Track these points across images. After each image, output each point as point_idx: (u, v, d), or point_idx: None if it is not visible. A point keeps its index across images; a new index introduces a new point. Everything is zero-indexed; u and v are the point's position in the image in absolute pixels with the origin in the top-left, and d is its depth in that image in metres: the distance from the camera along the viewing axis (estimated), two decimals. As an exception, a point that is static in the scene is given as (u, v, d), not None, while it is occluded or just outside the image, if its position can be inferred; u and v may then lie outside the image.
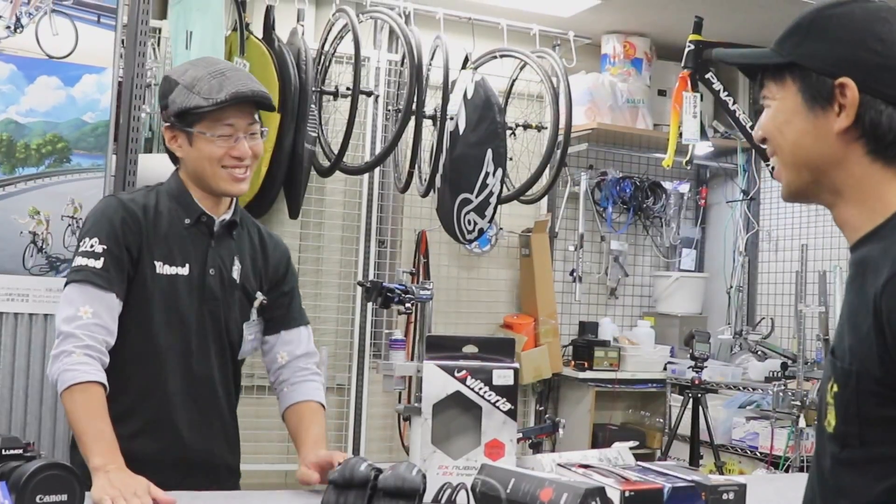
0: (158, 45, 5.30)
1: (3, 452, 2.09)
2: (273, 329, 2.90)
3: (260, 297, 2.84)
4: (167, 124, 2.73)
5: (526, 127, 6.05)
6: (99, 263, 2.58)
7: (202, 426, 2.74)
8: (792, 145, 1.78)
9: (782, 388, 5.50)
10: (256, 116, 2.75)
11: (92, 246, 2.61)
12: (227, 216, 2.80)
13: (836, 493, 1.72)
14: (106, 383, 2.51)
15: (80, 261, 2.60)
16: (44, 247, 3.88)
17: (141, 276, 2.66)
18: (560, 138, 5.66)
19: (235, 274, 2.79)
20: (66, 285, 2.62)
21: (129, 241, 2.64)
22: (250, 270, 2.84)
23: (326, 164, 5.42)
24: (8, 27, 3.83)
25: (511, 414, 2.49)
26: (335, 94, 5.41)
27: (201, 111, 2.63)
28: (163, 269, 2.68)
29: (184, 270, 2.71)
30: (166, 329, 2.68)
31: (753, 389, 5.98)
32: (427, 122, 5.56)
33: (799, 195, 1.84)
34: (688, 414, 5.58)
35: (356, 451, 5.84)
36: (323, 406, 2.90)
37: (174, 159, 2.80)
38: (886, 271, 1.59)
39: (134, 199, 2.74)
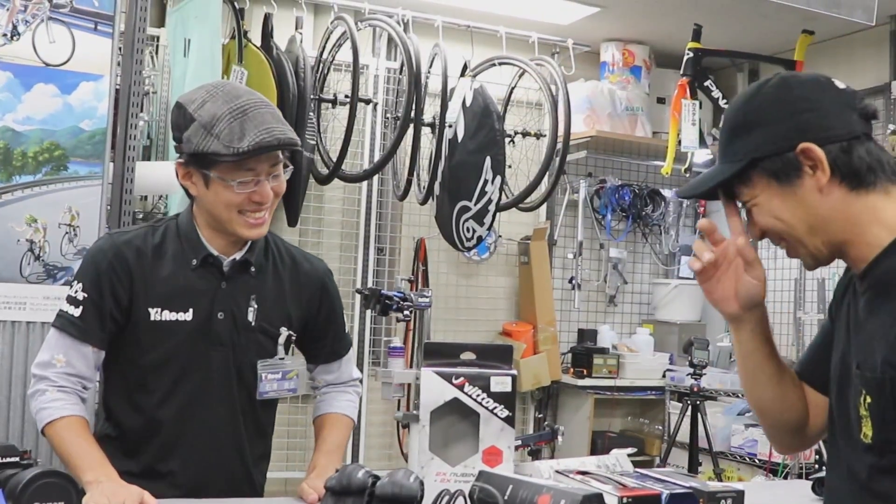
0: (157, 53, 5.30)
1: (1, 460, 2.09)
2: (313, 360, 2.84)
3: (285, 332, 2.67)
4: (181, 160, 2.53)
5: (525, 134, 6.05)
6: (77, 312, 2.51)
7: (201, 476, 2.61)
8: (793, 223, 1.88)
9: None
10: (281, 155, 2.55)
11: (76, 292, 2.53)
12: (239, 255, 2.61)
13: (878, 499, 1.77)
14: (85, 416, 2.48)
15: (63, 306, 2.54)
16: (41, 255, 3.87)
17: (133, 324, 2.55)
18: (559, 146, 5.66)
19: (251, 316, 2.61)
20: (52, 325, 2.56)
21: (115, 290, 2.52)
22: (272, 308, 2.66)
23: (325, 171, 5.41)
24: (4, 35, 3.82)
25: (509, 421, 2.49)
26: (334, 102, 5.41)
27: (220, 159, 2.42)
28: (159, 315, 2.54)
29: (186, 316, 2.55)
30: (160, 376, 2.56)
31: (753, 397, 5.96)
32: (426, 130, 5.56)
33: (821, 260, 1.93)
34: (687, 421, 5.57)
35: (355, 458, 5.84)
36: (350, 418, 2.84)
37: (188, 194, 2.60)
38: None
39: (131, 240, 2.58)
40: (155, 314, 2.54)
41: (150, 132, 5.12)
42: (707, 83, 5.75)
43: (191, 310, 2.56)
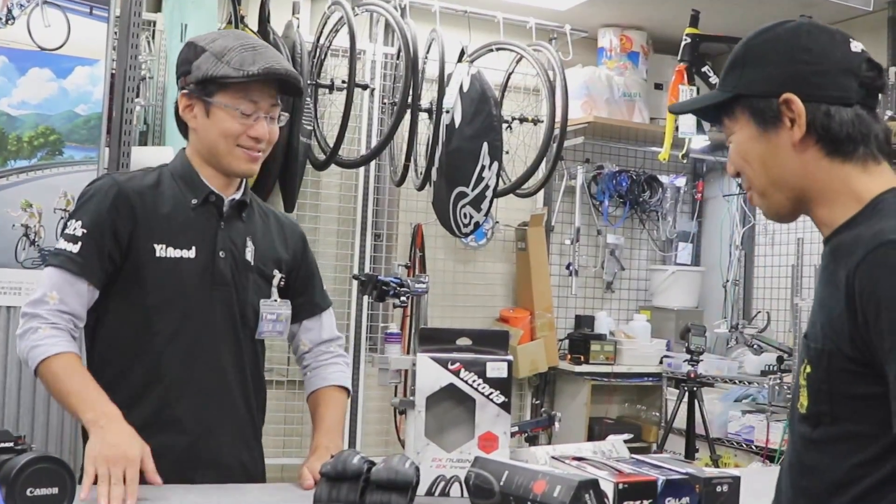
0: (153, 37, 5.28)
1: (-6, 446, 2.08)
2: (295, 318, 2.80)
3: (278, 275, 2.72)
4: (184, 91, 2.59)
5: (522, 120, 6.04)
6: (76, 248, 2.49)
7: (209, 421, 2.59)
8: (759, 170, 1.87)
9: (778, 381, 5.51)
10: (279, 99, 2.64)
11: (74, 229, 2.51)
12: (238, 196, 2.67)
13: (805, 473, 1.79)
14: (78, 353, 2.47)
15: (60, 243, 2.52)
16: (36, 240, 3.86)
17: (134, 262, 2.53)
18: (556, 132, 5.65)
19: (249, 256, 2.66)
20: (45, 266, 2.55)
21: (116, 226, 2.52)
22: (266, 250, 2.71)
23: (322, 157, 5.40)
24: (-1, 19, 3.82)
25: (505, 406, 2.48)
26: (331, 88, 5.40)
27: (228, 81, 2.51)
28: (164, 251, 2.54)
29: (190, 253, 2.57)
30: (165, 316, 2.55)
31: (749, 383, 5.99)
32: (423, 116, 5.55)
33: (782, 214, 1.92)
34: (684, 407, 5.58)
35: (352, 444, 5.84)
36: (345, 389, 2.85)
37: (184, 132, 2.67)
38: (860, 253, 1.67)
39: (131, 179, 2.61)
40: (160, 250, 2.55)
41: (146, 117, 5.11)
42: (705, 69, 5.73)
43: (194, 248, 2.58)
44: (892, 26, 5.84)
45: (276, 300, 2.72)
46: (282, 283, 2.74)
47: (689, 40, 5.68)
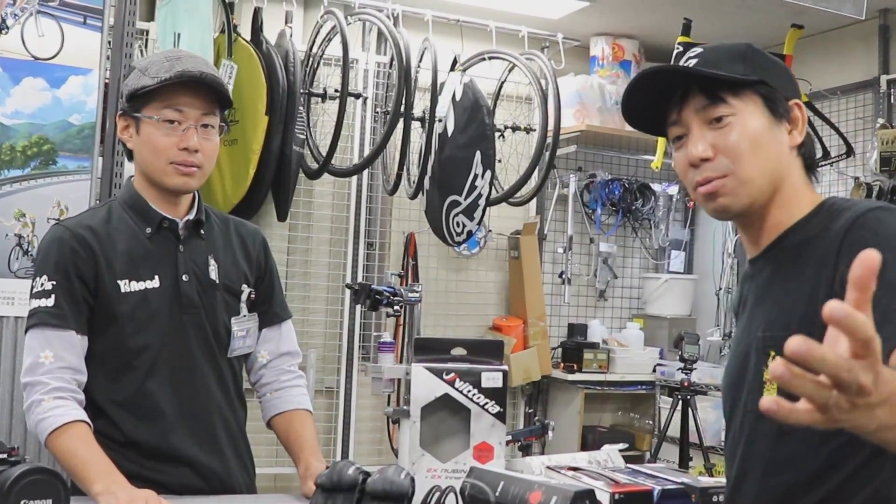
0: (146, 46, 5.28)
1: (-12, 457, 2.07)
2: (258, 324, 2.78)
3: (247, 290, 2.69)
4: (119, 112, 2.58)
5: (515, 129, 6.04)
6: (50, 301, 2.45)
7: (209, 444, 2.59)
8: (762, 156, 1.88)
9: (771, 389, 5.50)
10: (216, 110, 2.57)
11: (42, 284, 2.47)
12: (192, 216, 2.63)
13: (780, 468, 1.81)
14: (87, 420, 2.41)
15: (33, 304, 2.48)
16: (29, 249, 3.86)
17: (104, 301, 2.50)
18: (549, 140, 5.65)
19: (213, 275, 2.62)
20: (25, 332, 2.50)
21: (80, 270, 2.48)
22: (230, 266, 2.68)
23: (315, 166, 5.40)
24: (-7, 28, 3.82)
25: (500, 416, 2.48)
26: (323, 97, 5.39)
27: (146, 90, 2.47)
28: (129, 286, 2.52)
29: (154, 283, 2.54)
30: (145, 349, 2.52)
31: (742, 391, 5.97)
32: (415, 125, 5.55)
33: (752, 204, 1.91)
34: (677, 416, 5.58)
35: (345, 454, 5.84)
36: (310, 412, 2.81)
37: (130, 157, 2.63)
38: (844, 223, 1.74)
39: (80, 222, 2.57)
40: (125, 286, 2.51)
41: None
42: (697, 77, 5.74)
43: (156, 276, 2.55)
44: (884, 35, 5.86)
45: (245, 315, 2.70)
46: (251, 296, 2.72)
47: (680, 48, 5.68)
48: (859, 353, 1.11)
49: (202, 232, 2.66)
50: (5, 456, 2.07)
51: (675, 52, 5.65)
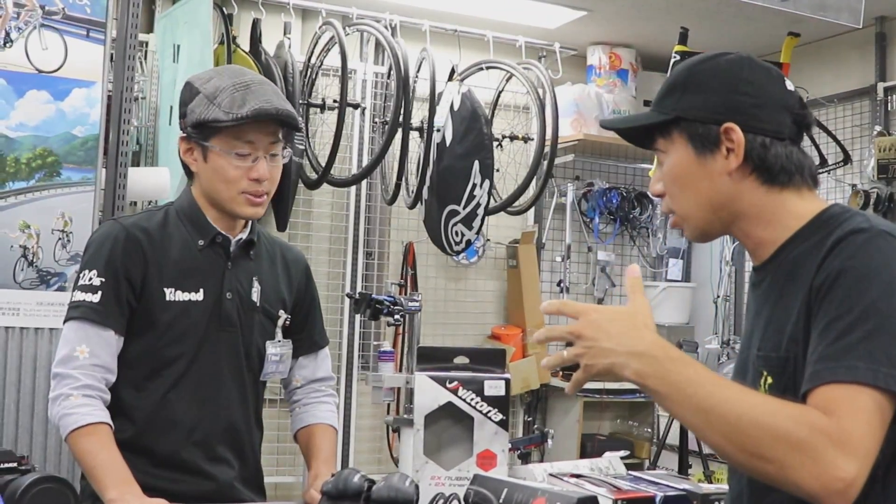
0: (145, 58, 5.30)
1: (-1, 466, 2.10)
2: (295, 351, 2.81)
3: (283, 315, 2.72)
4: (183, 135, 2.58)
5: (512, 138, 6.06)
6: (96, 298, 2.47)
7: (222, 463, 2.61)
8: (689, 193, 1.92)
9: (769, 396, 5.51)
10: (280, 135, 2.58)
11: (90, 279, 2.49)
12: (244, 235, 2.66)
13: (767, 486, 1.76)
14: (110, 422, 2.43)
15: (77, 295, 2.50)
16: (34, 260, 3.87)
17: (147, 307, 2.53)
18: (546, 149, 5.68)
19: (255, 296, 2.65)
20: (65, 322, 2.51)
21: (130, 272, 2.50)
22: (271, 290, 2.70)
23: (314, 176, 5.42)
24: (-3, 42, 3.84)
25: (503, 424, 2.51)
26: (322, 107, 5.41)
27: (220, 125, 2.48)
28: (174, 295, 2.54)
29: (198, 296, 2.56)
30: (176, 360, 2.54)
31: (741, 398, 5.99)
32: (414, 134, 5.57)
33: (707, 233, 1.97)
34: (676, 424, 5.58)
35: (345, 462, 5.84)
36: (336, 429, 2.84)
37: (189, 173, 2.65)
38: (825, 249, 1.73)
39: (137, 222, 2.59)
40: (170, 294, 2.54)
41: (139, 138, 5.12)
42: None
43: (201, 290, 2.57)
44: (880, 42, 5.88)
45: (279, 340, 2.72)
46: (287, 322, 2.74)
47: (677, 58, 5.70)
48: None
49: (251, 253, 2.68)
50: (15, 465, 2.10)
51: (672, 60, 5.68)
